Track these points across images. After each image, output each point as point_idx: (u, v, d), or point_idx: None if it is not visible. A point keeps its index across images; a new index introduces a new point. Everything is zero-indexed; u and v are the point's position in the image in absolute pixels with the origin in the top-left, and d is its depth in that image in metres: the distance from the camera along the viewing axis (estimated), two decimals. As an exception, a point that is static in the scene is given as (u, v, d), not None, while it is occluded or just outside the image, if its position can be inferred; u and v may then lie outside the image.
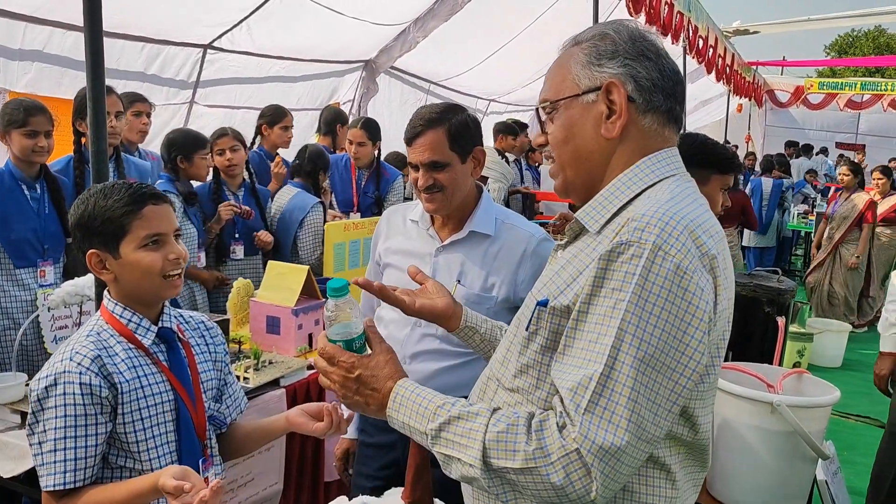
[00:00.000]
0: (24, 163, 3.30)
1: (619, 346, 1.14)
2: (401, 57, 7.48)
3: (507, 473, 1.18)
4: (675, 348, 1.16)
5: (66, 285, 2.83)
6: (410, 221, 2.34)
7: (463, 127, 2.18)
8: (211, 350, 1.94)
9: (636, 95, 1.31)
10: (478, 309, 2.19)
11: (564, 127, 1.36)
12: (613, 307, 1.16)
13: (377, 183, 4.95)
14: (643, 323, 1.14)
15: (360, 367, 1.35)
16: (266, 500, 2.98)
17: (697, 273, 1.17)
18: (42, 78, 4.78)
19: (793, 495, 2.47)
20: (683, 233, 1.18)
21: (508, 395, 1.34)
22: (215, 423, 1.93)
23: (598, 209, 1.32)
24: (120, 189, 1.73)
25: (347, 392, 1.35)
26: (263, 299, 3.33)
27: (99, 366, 1.67)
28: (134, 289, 1.75)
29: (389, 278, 2.32)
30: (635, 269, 1.16)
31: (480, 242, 2.22)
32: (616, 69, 1.31)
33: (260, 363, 3.03)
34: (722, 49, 10.00)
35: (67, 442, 1.63)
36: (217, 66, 6.03)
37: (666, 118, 1.35)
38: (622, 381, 1.13)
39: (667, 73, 1.34)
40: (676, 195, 1.28)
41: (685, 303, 1.16)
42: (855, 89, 17.01)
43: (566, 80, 1.35)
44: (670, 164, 1.35)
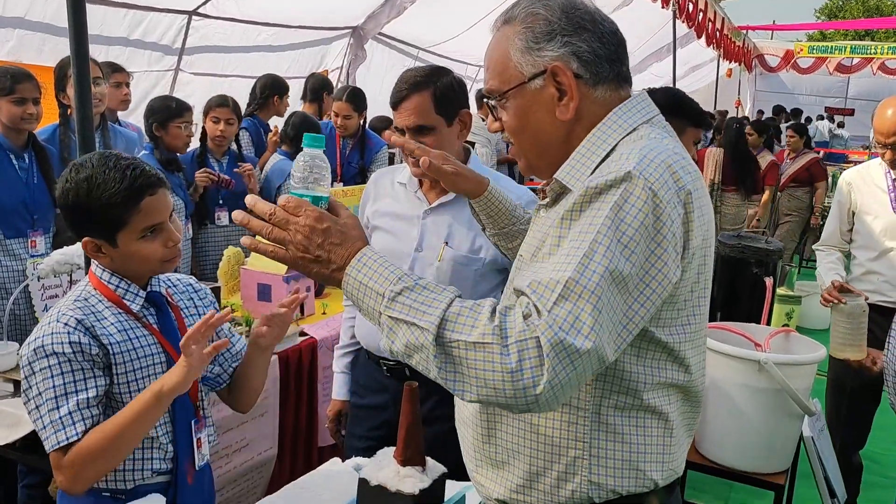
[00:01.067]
0: (13, 131, 3.26)
1: (592, 256, 1.14)
2: (389, 23, 7.40)
3: (457, 347, 1.13)
4: (643, 269, 1.17)
5: (55, 254, 2.82)
6: (398, 184, 2.33)
7: (448, 89, 2.16)
8: (200, 311, 1.94)
9: (582, 72, 1.29)
10: (465, 271, 2.21)
11: (517, 115, 1.34)
12: (590, 223, 1.17)
13: (361, 152, 4.92)
14: (615, 241, 1.15)
15: (329, 221, 1.23)
16: (260, 466, 3.01)
17: (671, 205, 1.18)
18: (24, 46, 4.71)
19: (780, 451, 2.52)
20: (661, 166, 1.19)
21: None
22: (209, 383, 1.94)
23: (577, 167, 1.31)
24: (114, 180, 1.66)
25: (310, 244, 1.22)
26: (254, 267, 3.33)
27: (86, 326, 1.66)
28: (132, 271, 1.76)
29: (377, 241, 2.32)
30: (614, 194, 1.17)
31: (468, 204, 2.22)
32: (557, 50, 1.29)
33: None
34: (712, 13, 9.94)
35: (69, 398, 1.61)
36: (202, 32, 5.95)
37: (616, 83, 1.34)
38: (590, 288, 1.12)
39: (607, 38, 1.31)
40: (652, 140, 1.28)
41: (656, 229, 1.17)
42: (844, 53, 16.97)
43: (508, 67, 1.32)
44: (642, 110, 1.34)
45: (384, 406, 2.30)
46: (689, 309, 1.30)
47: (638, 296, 1.18)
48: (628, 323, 1.18)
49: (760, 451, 2.46)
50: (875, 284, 3.34)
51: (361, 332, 2.38)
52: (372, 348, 2.33)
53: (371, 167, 4.93)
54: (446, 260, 2.19)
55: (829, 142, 15.89)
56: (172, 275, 1.97)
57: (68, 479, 1.64)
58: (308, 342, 3.19)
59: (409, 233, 2.26)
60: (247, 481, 2.98)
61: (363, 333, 2.36)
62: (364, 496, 1.66)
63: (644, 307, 1.19)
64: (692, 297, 1.30)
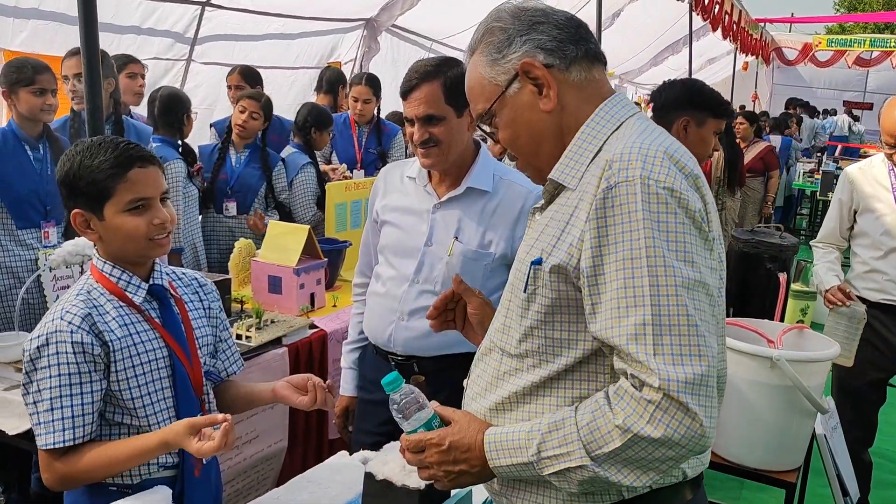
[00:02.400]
0: (29, 122, 3.27)
1: (657, 281, 1.14)
2: (402, 15, 7.37)
3: (616, 456, 1.16)
4: (701, 262, 1.18)
5: (66, 245, 2.83)
6: (408, 178, 2.31)
7: (459, 80, 2.11)
8: (205, 306, 1.93)
9: (551, 59, 1.32)
10: (475, 266, 2.18)
11: (509, 125, 1.37)
12: (631, 248, 1.16)
13: (378, 138, 4.92)
14: (666, 250, 1.15)
15: (448, 436, 1.32)
16: (271, 457, 3.02)
17: (688, 191, 1.20)
18: (37, 36, 4.73)
19: (792, 449, 2.49)
20: (664, 159, 1.20)
21: (516, 361, 1.34)
22: (211, 377, 1.92)
23: (571, 165, 1.32)
24: (106, 149, 1.68)
25: (449, 467, 1.32)
26: (265, 259, 3.33)
27: (90, 324, 1.65)
28: (118, 250, 1.72)
29: (387, 236, 2.31)
30: (635, 205, 1.16)
31: (478, 199, 2.20)
32: (519, 49, 1.32)
33: (262, 322, 3.05)
34: (729, 5, 9.83)
35: (63, 400, 1.62)
36: (214, 23, 5.95)
37: (588, 61, 1.35)
38: (675, 311, 1.13)
39: (563, 24, 1.34)
40: (644, 129, 1.29)
41: (689, 219, 1.18)
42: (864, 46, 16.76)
43: (485, 86, 1.37)
44: (626, 107, 1.37)
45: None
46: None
47: (708, 287, 1.19)
48: (714, 307, 1.20)
49: (772, 448, 2.43)
50: (879, 283, 3.28)
51: (369, 327, 2.36)
52: (380, 343, 2.31)
53: (390, 151, 4.93)
54: (456, 254, 2.18)
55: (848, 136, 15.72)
56: (178, 268, 1.96)
57: (56, 482, 1.68)
58: (318, 334, 3.19)
59: (419, 227, 2.24)
60: (257, 473, 2.99)
61: (371, 328, 2.35)
62: (370, 490, 1.66)
63: (715, 286, 1.21)
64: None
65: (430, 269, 2.21)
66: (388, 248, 2.31)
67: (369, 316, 2.36)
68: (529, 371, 1.31)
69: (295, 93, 6.76)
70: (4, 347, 2.60)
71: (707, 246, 1.21)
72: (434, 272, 2.20)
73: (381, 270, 2.33)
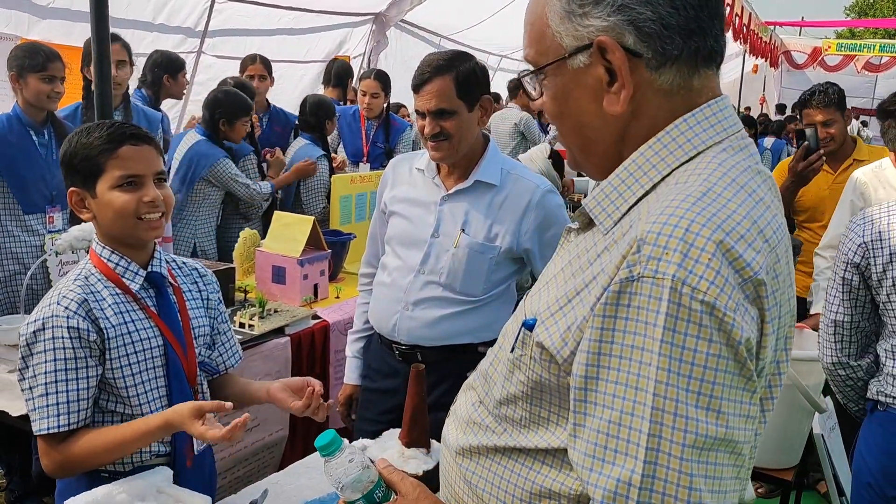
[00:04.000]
0: (35, 108, 3.30)
1: (659, 431, 0.85)
2: (411, 10, 7.39)
3: None
4: (732, 410, 0.86)
5: (72, 230, 2.85)
6: (416, 170, 2.33)
7: (471, 74, 2.16)
8: (203, 296, 1.92)
9: (642, 48, 0.95)
10: (481, 258, 2.20)
11: (556, 99, 1.04)
12: (638, 374, 0.86)
13: (387, 133, 4.95)
14: (681, 391, 0.84)
15: None
16: (272, 446, 3.04)
17: (739, 310, 0.86)
18: (54, 28, 4.78)
19: (789, 448, 2.50)
20: (716, 255, 0.85)
21: (492, 420, 1.11)
22: (207, 369, 1.91)
23: (610, 198, 1.01)
24: (102, 128, 1.69)
25: None
26: (269, 249, 3.35)
27: (86, 310, 1.65)
28: (111, 229, 1.72)
29: (394, 226, 2.33)
30: (655, 316, 0.85)
31: (486, 192, 2.22)
32: (605, 17, 0.96)
33: (265, 311, 3.07)
34: (739, 7, 9.82)
35: (59, 385, 1.62)
36: (225, 15, 5.99)
37: (693, 63, 0.98)
38: (675, 479, 0.84)
39: (682, 1, 0.95)
40: (715, 183, 0.92)
41: (729, 349, 0.85)
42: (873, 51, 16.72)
43: (546, 35, 1.02)
44: (717, 125, 0.99)
45: (395, 390, 2.30)
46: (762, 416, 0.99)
47: (731, 445, 0.87)
48: (733, 469, 0.88)
49: (769, 446, 2.44)
50: None
51: (374, 316, 2.39)
52: (384, 332, 2.33)
53: (397, 148, 4.95)
54: (462, 246, 2.20)
55: (856, 142, 15.71)
56: (179, 257, 1.96)
57: (55, 468, 1.67)
58: (321, 325, 3.21)
59: (426, 219, 2.26)
60: (258, 460, 3.01)
61: (376, 317, 2.37)
62: (368, 476, 1.67)
63: (745, 444, 0.89)
64: (763, 405, 0.98)
65: (436, 260, 2.23)
66: (395, 238, 2.33)
67: (375, 305, 2.38)
68: (503, 436, 1.08)
69: (304, 86, 6.79)
70: (10, 330, 2.62)
71: (749, 386, 0.87)
72: (440, 263, 2.22)
73: (387, 261, 2.36)
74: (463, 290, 2.23)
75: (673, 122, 0.98)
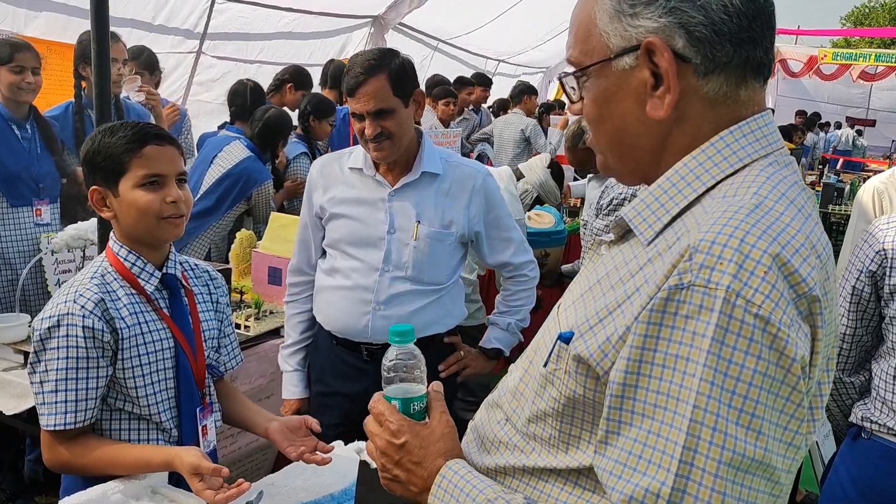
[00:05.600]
0: (12, 102, 3.29)
1: (695, 445, 0.81)
2: (410, 13, 7.40)
3: None
4: (773, 434, 0.83)
5: (69, 229, 2.85)
6: (350, 170, 2.30)
7: (402, 70, 2.17)
8: (213, 300, 1.94)
9: (691, 53, 0.93)
10: (440, 246, 2.26)
11: (597, 102, 1.01)
12: (681, 385, 0.83)
13: None
14: (723, 406, 0.81)
15: (407, 433, 1.08)
16: (266, 447, 3.03)
17: (794, 327, 0.83)
18: (51, 24, 4.77)
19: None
20: (772, 268, 0.83)
21: (520, 438, 1.07)
22: (213, 371, 1.92)
23: (650, 209, 0.97)
24: (126, 127, 1.72)
25: (387, 462, 1.10)
26: (265, 250, 3.35)
27: (102, 310, 1.66)
28: (132, 228, 1.73)
29: (339, 229, 2.30)
30: (705, 327, 0.82)
31: (431, 182, 2.26)
32: (656, 19, 0.93)
33: (261, 312, 3.06)
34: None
35: (69, 383, 1.63)
36: (225, 16, 5.99)
37: (741, 73, 0.95)
38: (706, 496, 0.81)
39: (735, 8, 0.92)
40: (766, 196, 0.89)
41: (780, 368, 0.82)
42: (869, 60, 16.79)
43: (592, 35, 0.99)
44: (758, 142, 0.96)
45: (363, 392, 2.14)
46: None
47: (770, 471, 0.84)
48: (770, 497, 0.85)
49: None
50: None
51: (336, 321, 2.32)
52: (350, 335, 2.29)
53: None
54: (422, 237, 2.23)
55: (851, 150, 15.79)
56: (192, 259, 1.97)
57: (55, 464, 1.70)
58: (316, 327, 3.20)
59: (376, 216, 2.25)
60: (252, 462, 3.00)
61: (338, 321, 2.31)
62: (364, 478, 1.67)
63: (784, 471, 0.85)
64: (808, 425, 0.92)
65: (398, 255, 2.24)
66: (342, 240, 2.30)
67: (332, 309, 2.33)
68: (531, 456, 1.05)
69: (310, 89, 6.81)
70: (4, 328, 2.61)
71: (797, 413, 0.84)
72: (402, 258, 2.24)
73: (339, 264, 2.31)
74: (430, 280, 2.27)
75: (718, 133, 0.96)
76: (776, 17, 0.99)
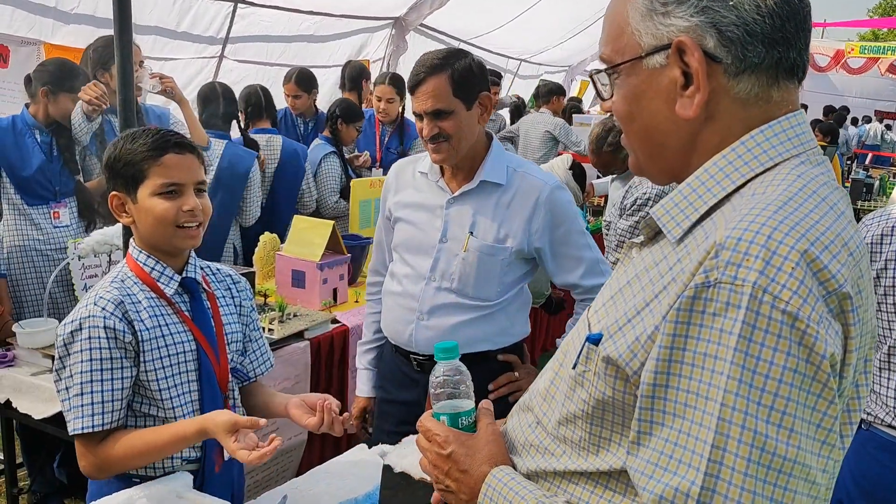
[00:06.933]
0: (51, 118, 3.34)
1: (724, 443, 0.80)
2: (431, 14, 7.40)
3: None
4: (806, 432, 0.81)
5: (95, 234, 2.88)
6: (419, 174, 2.28)
7: (467, 72, 2.10)
8: (237, 303, 1.94)
9: (722, 53, 0.93)
10: (491, 261, 2.15)
11: (627, 99, 1.02)
12: (710, 383, 0.83)
13: (401, 138, 4.95)
14: (753, 404, 0.80)
15: (454, 443, 1.11)
16: (291, 450, 3.04)
17: (823, 323, 0.81)
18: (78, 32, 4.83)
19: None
20: (800, 264, 0.82)
21: (551, 441, 1.08)
22: (238, 375, 1.93)
23: (679, 208, 0.97)
24: (147, 135, 1.73)
25: (439, 474, 1.13)
26: (289, 253, 3.36)
27: (122, 311, 1.68)
28: (150, 235, 1.74)
29: (400, 233, 2.28)
30: (732, 324, 0.82)
31: (492, 192, 2.17)
32: (688, 18, 0.93)
33: (285, 315, 3.07)
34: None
35: (94, 385, 1.64)
36: (248, 20, 6.03)
37: (773, 73, 0.94)
38: (736, 496, 0.79)
39: (769, 9, 0.92)
40: (795, 193, 0.88)
41: (810, 364, 0.80)
42: (897, 53, 16.53)
43: (624, 33, 1.00)
44: (794, 138, 0.95)
45: (415, 401, 2.25)
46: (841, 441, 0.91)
47: (803, 470, 0.81)
48: (807, 498, 0.82)
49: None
50: None
51: (388, 327, 2.34)
52: (400, 343, 2.28)
53: (411, 152, 4.95)
54: (472, 250, 2.15)
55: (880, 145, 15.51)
56: (213, 263, 1.98)
57: (93, 469, 1.70)
58: (340, 329, 3.21)
59: (433, 223, 2.21)
60: (277, 464, 3.01)
61: (390, 328, 2.32)
62: (387, 483, 1.66)
63: (820, 471, 0.82)
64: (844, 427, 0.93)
65: (446, 265, 2.18)
66: (401, 245, 2.28)
67: (387, 315, 2.33)
68: (562, 459, 1.06)
69: (328, 90, 6.82)
70: (33, 333, 2.65)
71: (830, 410, 0.82)
72: (450, 269, 2.17)
73: (396, 269, 2.31)
74: (476, 294, 2.18)
75: (749, 132, 0.95)
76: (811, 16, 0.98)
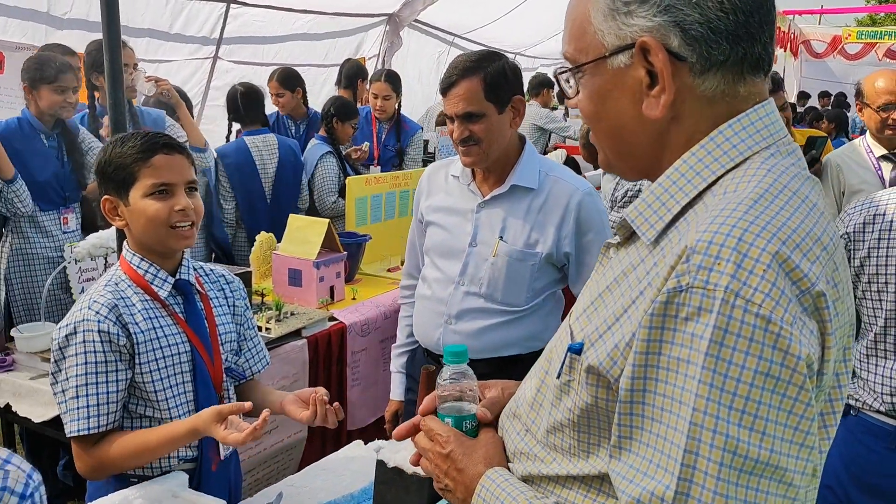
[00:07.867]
0: (46, 115, 3.36)
1: (696, 448, 0.81)
2: (424, 10, 7.39)
3: None
4: (779, 434, 0.80)
5: (90, 238, 2.89)
6: (451, 177, 2.27)
7: (500, 75, 2.08)
8: (230, 303, 1.95)
9: (686, 52, 0.91)
10: (521, 266, 2.12)
11: (593, 99, 1.00)
12: (682, 388, 0.82)
13: (398, 135, 4.95)
14: (723, 408, 0.80)
15: (454, 443, 1.12)
16: (290, 448, 3.06)
17: (797, 324, 0.81)
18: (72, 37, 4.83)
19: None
20: (771, 265, 0.81)
21: (540, 449, 1.08)
22: (233, 374, 1.94)
23: (652, 209, 0.96)
24: (136, 137, 1.74)
25: (438, 472, 1.14)
26: (285, 252, 3.37)
27: (116, 314, 1.69)
28: (143, 237, 1.75)
29: (432, 236, 2.28)
30: (704, 329, 0.81)
31: (523, 197, 2.15)
32: (651, 18, 0.92)
33: (282, 314, 3.08)
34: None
35: (89, 388, 1.66)
36: (240, 20, 6.03)
37: (738, 70, 0.94)
38: (707, 499, 0.80)
39: (732, 5, 0.91)
40: (766, 189, 0.88)
41: (784, 368, 0.80)
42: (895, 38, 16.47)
43: (587, 33, 0.98)
44: (761, 130, 0.95)
45: None
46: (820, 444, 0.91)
47: (779, 472, 0.81)
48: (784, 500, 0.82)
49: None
50: None
51: (418, 330, 2.34)
52: (429, 346, 2.28)
53: (407, 150, 4.95)
54: (501, 255, 2.13)
55: (877, 130, 15.48)
56: (206, 264, 1.99)
57: (89, 470, 1.72)
58: (337, 327, 3.22)
59: (464, 227, 2.20)
60: (277, 462, 3.03)
61: (420, 331, 2.32)
62: (381, 477, 1.68)
63: (797, 473, 0.82)
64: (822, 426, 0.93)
65: (476, 269, 2.16)
66: (433, 249, 2.28)
67: (418, 318, 2.33)
68: (552, 465, 1.05)
69: (327, 90, 6.83)
70: (31, 337, 2.66)
71: (806, 412, 0.81)
72: (479, 273, 2.15)
73: (427, 272, 2.30)
74: (505, 299, 2.16)
75: (717, 128, 0.94)
76: (773, 8, 0.97)
